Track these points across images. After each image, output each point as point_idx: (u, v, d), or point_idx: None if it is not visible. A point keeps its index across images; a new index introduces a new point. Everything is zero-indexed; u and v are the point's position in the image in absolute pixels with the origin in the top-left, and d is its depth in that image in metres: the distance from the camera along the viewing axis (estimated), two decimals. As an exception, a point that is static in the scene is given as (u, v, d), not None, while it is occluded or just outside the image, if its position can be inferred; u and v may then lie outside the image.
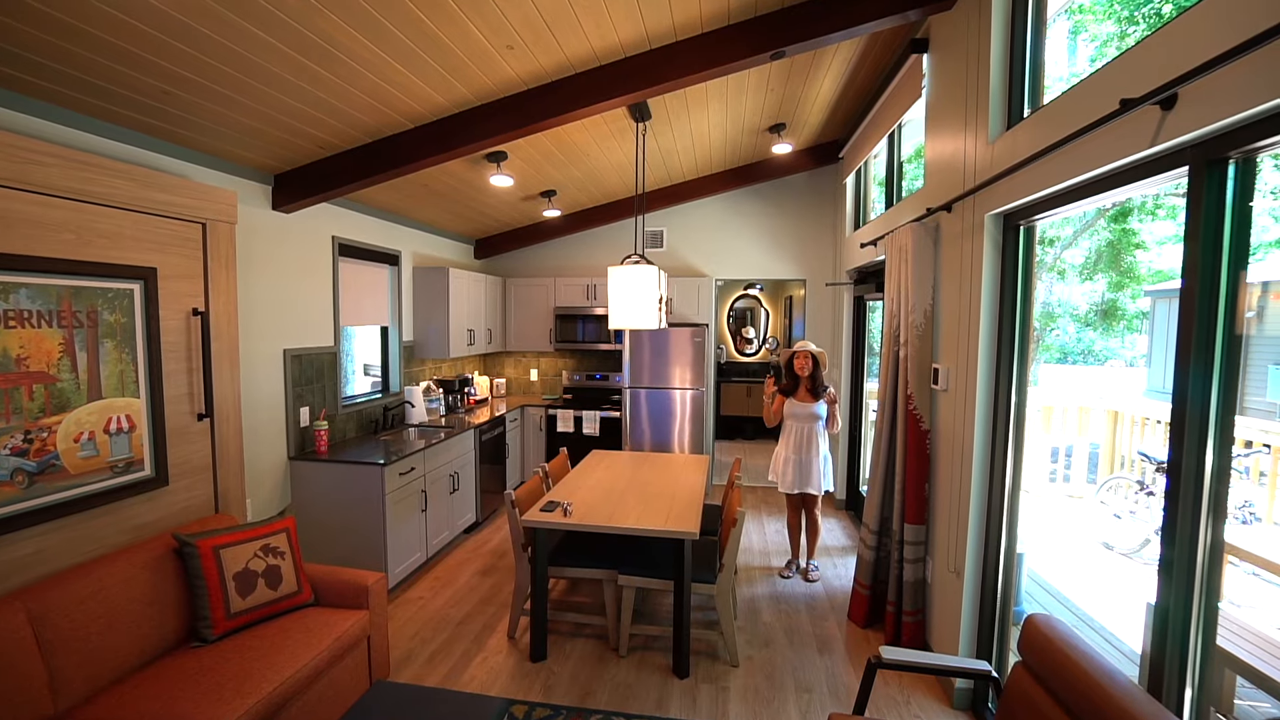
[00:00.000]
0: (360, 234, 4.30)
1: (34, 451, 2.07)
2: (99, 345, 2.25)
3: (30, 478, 2.06)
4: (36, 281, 2.06)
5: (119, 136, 2.54)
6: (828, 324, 5.88)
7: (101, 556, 2.21)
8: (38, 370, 2.07)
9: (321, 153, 3.26)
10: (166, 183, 2.47)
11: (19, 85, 2.13)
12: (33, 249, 2.04)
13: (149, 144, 2.68)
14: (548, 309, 5.99)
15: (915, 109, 3.61)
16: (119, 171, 2.29)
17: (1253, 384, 5.36)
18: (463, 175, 4.13)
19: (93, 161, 2.20)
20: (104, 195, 2.24)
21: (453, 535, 4.39)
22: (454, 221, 5.33)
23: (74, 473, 2.19)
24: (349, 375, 4.44)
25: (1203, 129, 1.43)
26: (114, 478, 2.31)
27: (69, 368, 2.16)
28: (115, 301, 2.30)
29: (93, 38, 1.96)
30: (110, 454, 2.29)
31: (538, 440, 5.78)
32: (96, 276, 2.23)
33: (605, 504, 3.11)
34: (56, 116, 2.30)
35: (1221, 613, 1.65)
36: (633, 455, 4.22)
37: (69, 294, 2.15)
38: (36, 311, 2.06)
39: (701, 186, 5.67)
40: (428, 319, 5.04)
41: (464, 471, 4.53)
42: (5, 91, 2.14)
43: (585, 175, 4.78)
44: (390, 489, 3.53)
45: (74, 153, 2.14)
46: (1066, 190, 2.06)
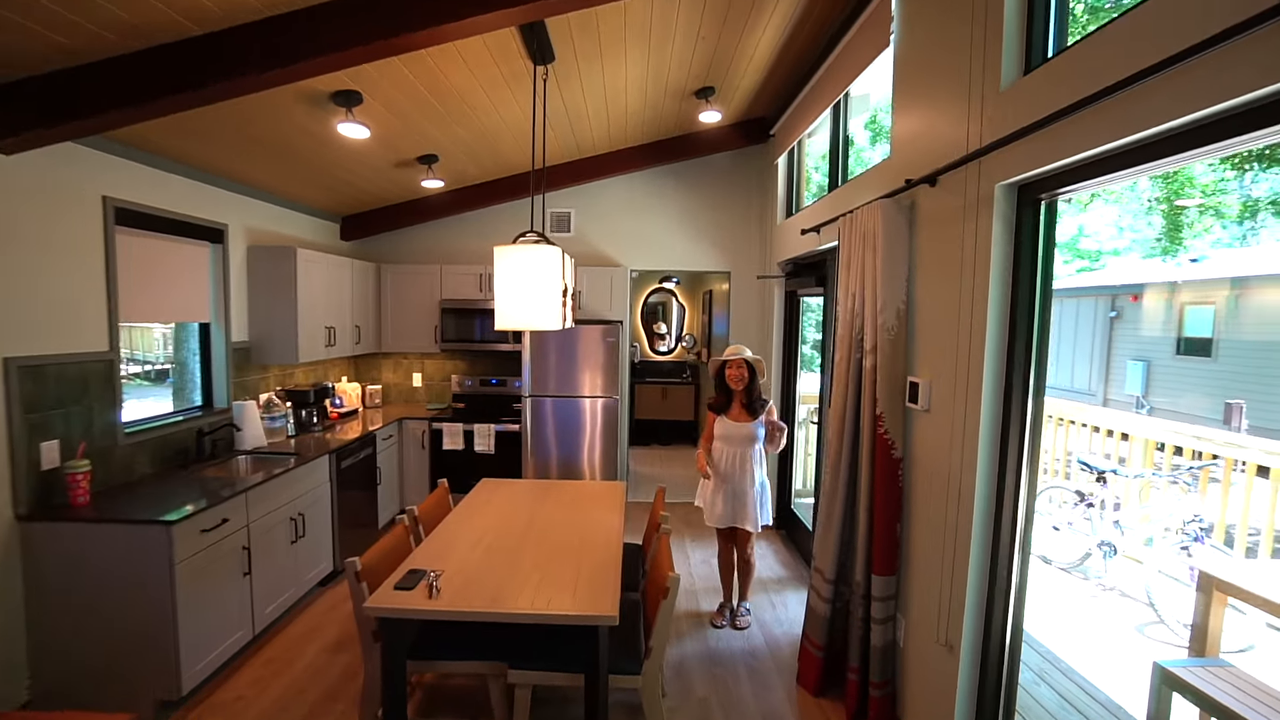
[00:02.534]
0: (157, 197, 3.16)
1: None
2: None
3: None
4: None
5: None
6: (754, 321, 5.31)
7: None
8: None
9: (56, 59, 2.17)
10: None
11: None
12: None
13: None
14: (432, 302, 5.00)
15: (872, 72, 3.03)
16: None
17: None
18: (303, 123, 3.11)
19: None
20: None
21: (299, 594, 3.38)
22: (307, 190, 4.24)
23: None
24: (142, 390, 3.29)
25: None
26: None
27: None
28: None
29: None
30: None
31: (419, 460, 4.80)
32: None
33: (491, 571, 2.28)
34: None
35: None
36: (533, 486, 3.39)
37: None
38: None
39: (615, 162, 4.90)
40: (269, 314, 3.93)
41: (314, 510, 3.51)
42: None
43: (474, 137, 3.87)
44: (185, 555, 2.50)
45: None
46: (1121, 150, 1.47)
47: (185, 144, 3.09)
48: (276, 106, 2.87)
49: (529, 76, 3.13)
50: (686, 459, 7.01)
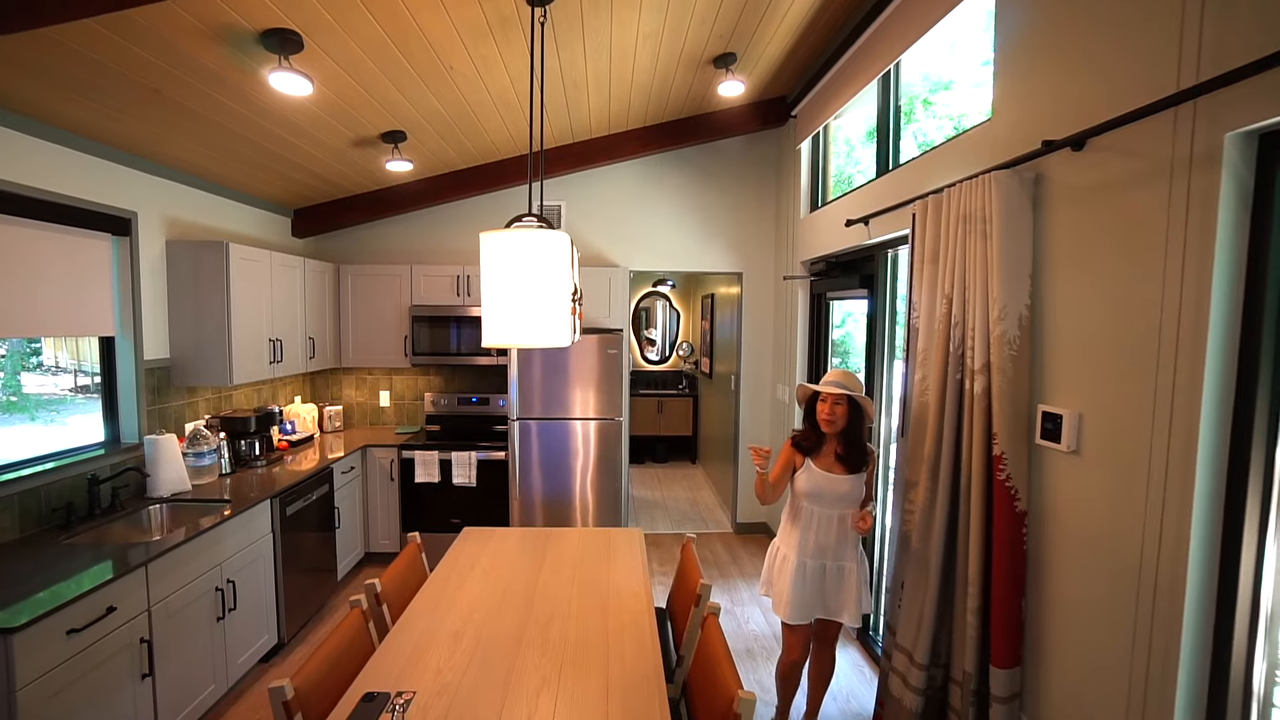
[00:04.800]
0: (38, 175, 2.42)
1: None
2: None
3: None
4: None
5: None
6: (768, 329, 4.71)
7: None
8: None
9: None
10: None
11: None
12: None
13: None
14: (402, 308, 4.28)
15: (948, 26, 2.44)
16: None
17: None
18: (225, 77, 2.40)
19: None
20: None
21: (230, 683, 2.65)
22: (247, 174, 3.50)
23: None
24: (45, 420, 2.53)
25: None
26: None
27: None
28: None
29: None
30: None
31: (388, 494, 4.07)
32: None
33: (481, 687, 1.61)
34: None
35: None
36: (527, 538, 2.71)
37: None
38: None
39: (614, 145, 4.26)
40: (196, 324, 3.19)
41: (249, 572, 2.78)
42: None
43: (452, 111, 3.20)
44: (39, 671, 1.76)
45: None
46: None
47: (67, 103, 2.36)
48: (182, 49, 2.16)
49: (520, 23, 2.48)
50: (686, 479, 6.37)
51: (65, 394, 2.82)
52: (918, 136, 3.02)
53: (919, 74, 2.98)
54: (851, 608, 2.29)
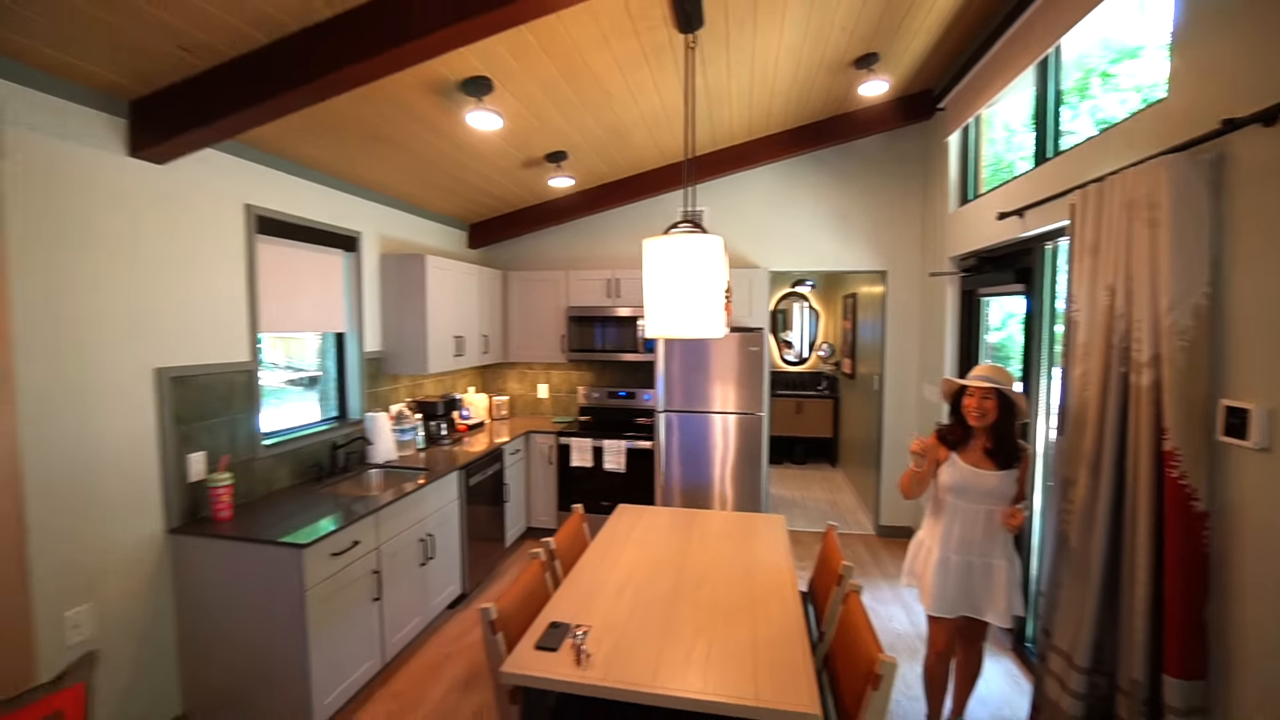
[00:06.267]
0: (296, 205, 3.12)
1: None
2: None
3: None
4: None
5: None
6: (913, 327, 4.59)
7: None
8: None
9: (192, 61, 2.07)
10: None
11: None
12: None
13: None
14: (558, 309, 4.77)
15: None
16: None
17: None
18: (431, 119, 2.93)
19: None
20: None
21: (426, 621, 3.18)
22: (437, 196, 4.15)
23: None
24: (287, 400, 3.25)
25: None
26: None
27: None
28: None
29: None
30: None
31: (547, 476, 4.55)
32: None
33: (644, 632, 1.87)
34: None
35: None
36: (675, 517, 2.96)
37: None
38: None
39: (754, 151, 4.41)
40: (400, 323, 3.85)
41: (443, 530, 3.32)
42: None
43: (606, 131, 3.56)
44: (315, 579, 2.32)
45: None
46: None
47: (317, 148, 3.02)
48: (403, 100, 2.69)
49: (671, 50, 2.75)
50: (825, 481, 6.32)
51: (283, 385, 3.53)
52: (1095, 114, 2.82)
53: (1097, 42, 2.78)
54: (1000, 606, 2.26)
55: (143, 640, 2.32)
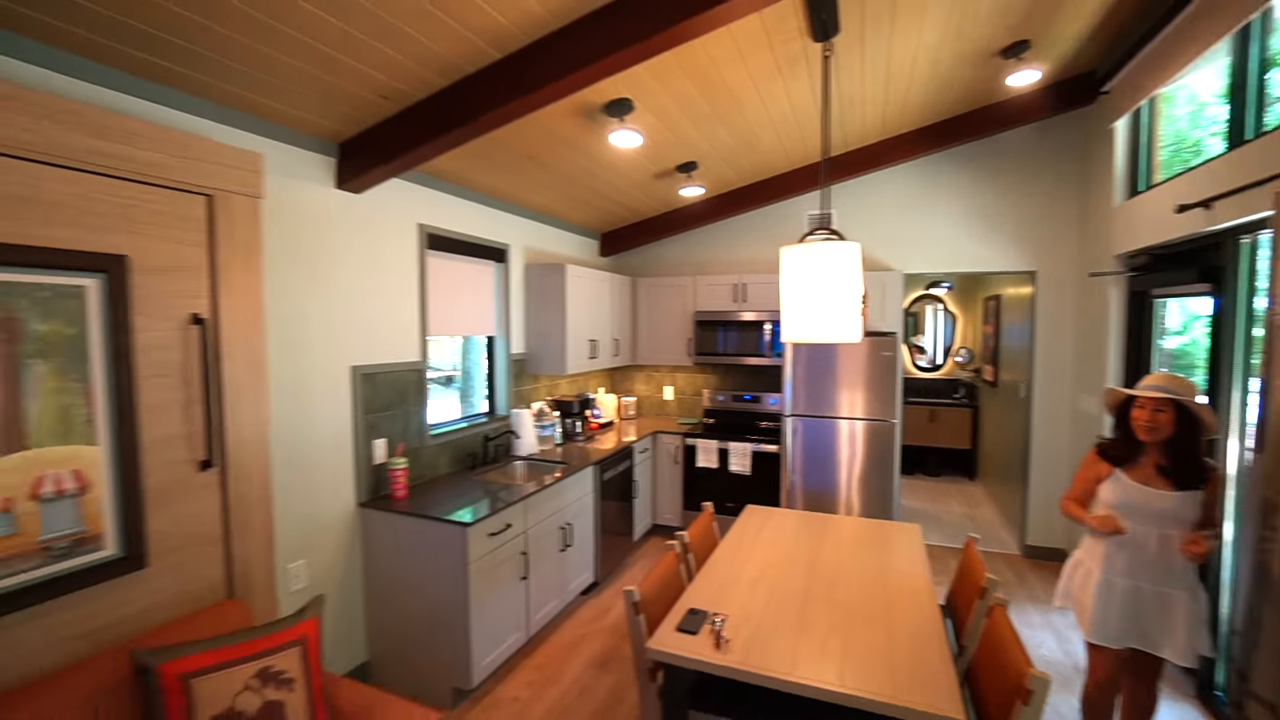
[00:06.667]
0: (456, 223, 3.51)
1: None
2: (20, 369, 1.51)
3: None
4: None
5: (92, 76, 1.85)
6: (1067, 332, 4.21)
7: (15, 691, 1.46)
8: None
9: (388, 106, 2.45)
10: (145, 133, 1.72)
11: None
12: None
13: (144, 90, 1.97)
14: (685, 314, 4.92)
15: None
16: (65, 113, 1.54)
17: None
18: (576, 140, 3.18)
19: (22, 95, 1.46)
20: (38, 146, 1.50)
21: (563, 603, 3.44)
22: (574, 208, 4.45)
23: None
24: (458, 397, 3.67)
25: None
26: (47, 565, 1.57)
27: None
28: (53, 304, 1.56)
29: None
30: (41, 531, 1.55)
31: (673, 475, 4.71)
32: (18, 267, 1.49)
33: (779, 623, 1.94)
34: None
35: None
36: (804, 519, 2.98)
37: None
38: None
39: (886, 151, 4.28)
40: (541, 327, 4.18)
41: (580, 521, 3.57)
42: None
43: (737, 140, 3.65)
44: (476, 555, 2.63)
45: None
46: None
47: (477, 172, 3.38)
48: (552, 125, 2.95)
49: (805, 59, 2.79)
50: (962, 495, 5.93)
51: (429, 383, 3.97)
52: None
53: None
54: (1178, 642, 2.04)
55: (340, 595, 2.75)
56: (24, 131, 1.47)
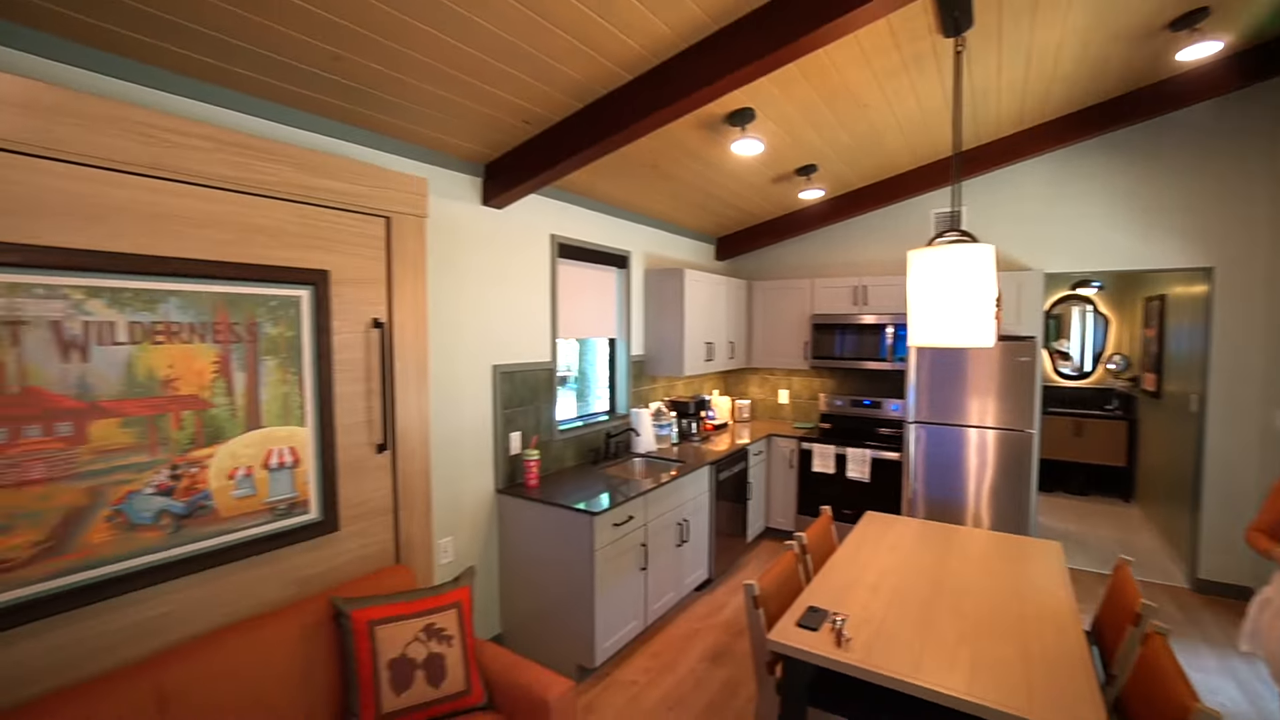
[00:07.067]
0: (583, 232, 3.76)
1: (181, 490, 1.73)
2: (259, 364, 1.87)
3: (177, 521, 1.72)
4: (188, 288, 1.72)
5: (290, 120, 2.20)
6: (1256, 338, 3.69)
7: (250, 620, 1.82)
8: (188, 394, 1.73)
9: (528, 130, 2.70)
10: (339, 167, 2.06)
11: (153, 55, 1.81)
12: (184, 250, 1.71)
13: (329, 128, 2.33)
14: (802, 317, 4.88)
15: None
16: (283, 155, 1.90)
17: None
18: (698, 150, 3.30)
19: (251, 144, 1.83)
20: (266, 184, 1.86)
21: (679, 597, 3.56)
22: (691, 214, 4.57)
23: (226, 515, 1.83)
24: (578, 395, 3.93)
25: None
26: (273, 521, 1.93)
27: (224, 391, 1.80)
28: (279, 312, 1.92)
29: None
30: (269, 494, 1.91)
31: (787, 479, 4.69)
32: (257, 282, 1.86)
33: (902, 628, 1.92)
34: (207, 95, 1.96)
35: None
36: (928, 529, 2.88)
37: (224, 303, 1.80)
38: (188, 324, 1.73)
39: (1025, 143, 4.00)
40: (659, 330, 4.34)
41: (695, 518, 3.68)
42: (137, 65, 1.86)
43: (857, 141, 3.59)
44: (601, 544, 2.82)
45: (229, 133, 1.79)
46: None
47: (603, 184, 3.59)
48: (676, 136, 3.09)
49: (934, 56, 2.71)
50: (1115, 518, 5.35)
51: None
52: None
53: None
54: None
55: (479, 571, 3.05)
56: (263, 174, 1.83)
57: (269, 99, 2.09)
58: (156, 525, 1.68)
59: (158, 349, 1.67)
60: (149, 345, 1.65)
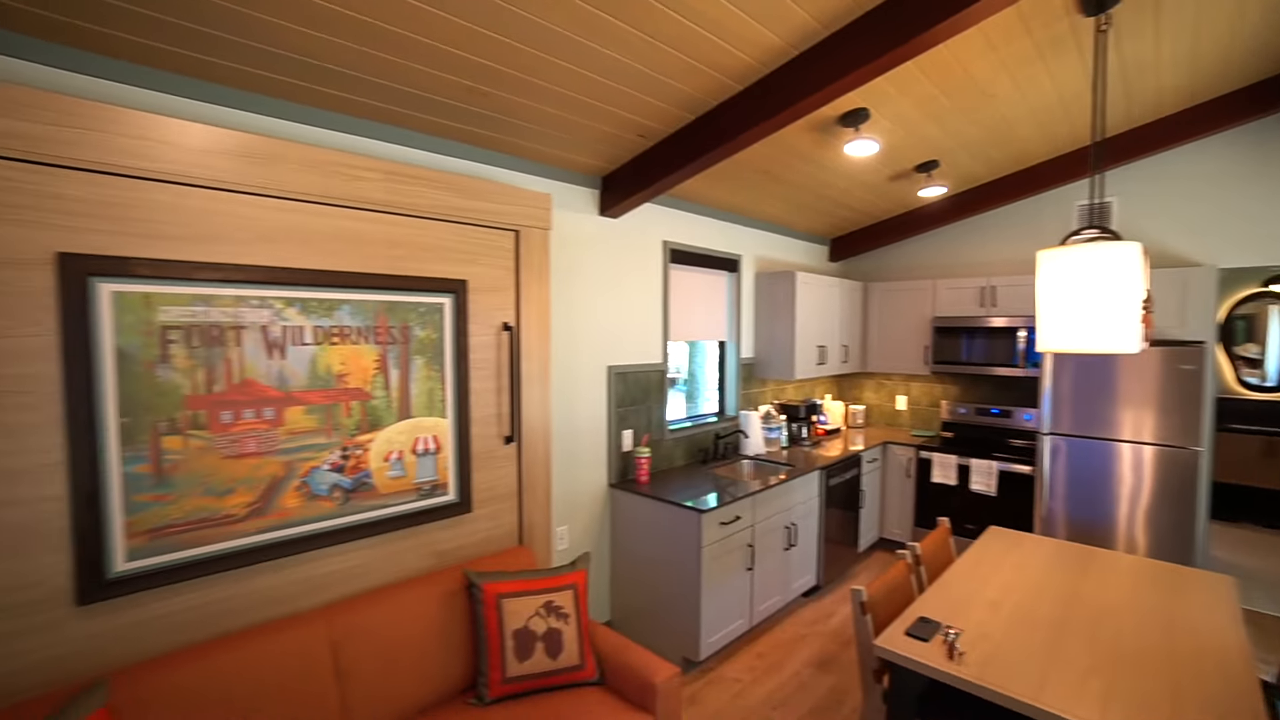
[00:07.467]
0: (694, 237, 3.85)
1: (349, 468, 2.04)
2: (410, 362, 2.16)
3: (346, 494, 2.04)
4: (356, 298, 2.03)
5: (433, 147, 2.49)
6: None
7: (399, 583, 2.11)
8: (355, 387, 2.04)
9: (643, 143, 2.84)
10: (477, 187, 2.32)
11: (343, 105, 2.16)
12: (353, 264, 2.02)
13: (463, 152, 2.59)
14: (923, 320, 4.64)
15: None
16: (432, 180, 2.19)
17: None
18: (809, 153, 3.28)
19: (407, 172, 2.12)
20: (417, 206, 2.15)
21: (785, 601, 3.55)
22: (803, 216, 4.52)
23: (383, 492, 2.13)
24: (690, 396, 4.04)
25: None
26: (419, 500, 2.21)
27: (382, 385, 2.10)
28: (426, 317, 2.20)
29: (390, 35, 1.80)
30: (416, 476, 2.20)
31: (903, 489, 4.49)
32: (409, 291, 2.15)
33: (1023, 649, 1.82)
34: (373, 132, 2.27)
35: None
36: (1063, 549, 2.67)
37: (384, 310, 2.09)
38: (356, 328, 2.03)
39: (1193, 122, 3.55)
40: (770, 333, 4.33)
41: (804, 523, 3.65)
42: (332, 114, 2.20)
43: (985, 132, 3.39)
44: (709, 541, 2.89)
45: (392, 165, 2.09)
46: None
47: (714, 190, 3.67)
48: (787, 141, 3.09)
49: (1073, 37, 2.51)
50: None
51: (697, 379, 4.31)
52: None
53: None
54: None
55: (591, 560, 3.23)
56: (416, 198, 2.12)
57: (418, 130, 2.39)
58: (330, 497, 2.00)
59: (334, 349, 1.99)
60: (327, 345, 1.98)
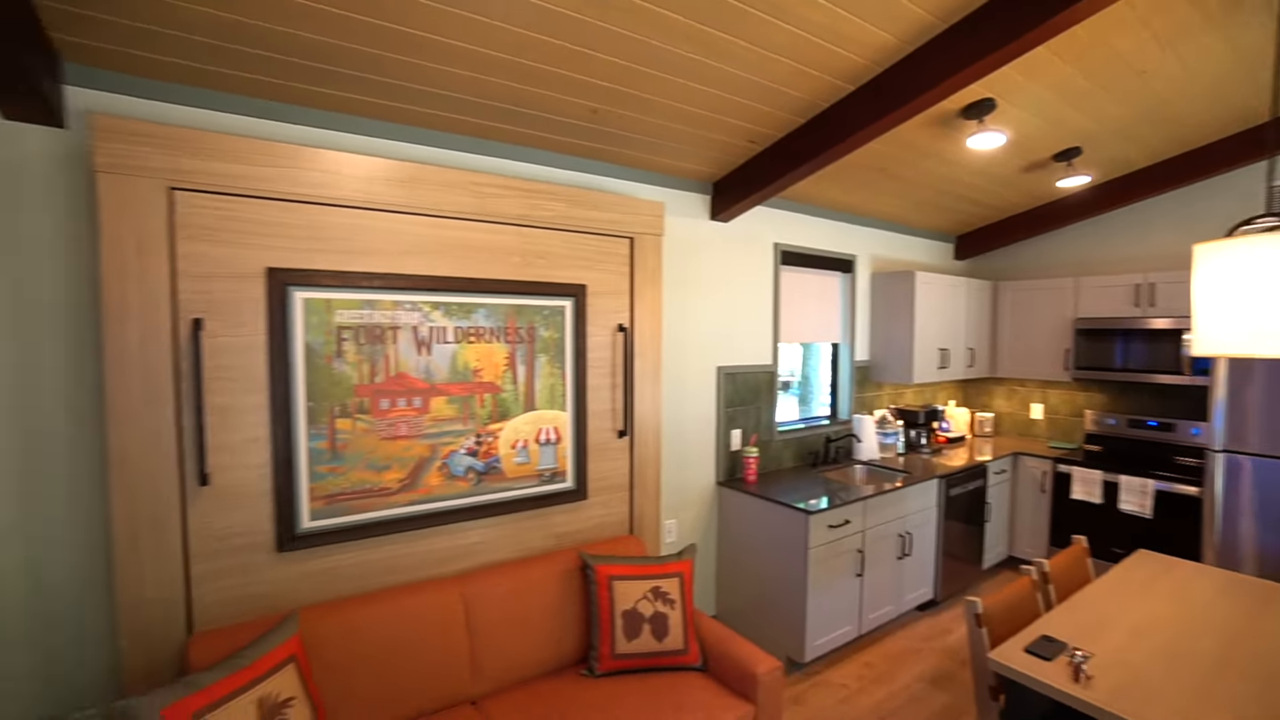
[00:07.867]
0: (806, 238, 3.82)
1: (482, 453, 2.29)
2: (535, 360, 2.38)
3: (479, 476, 2.29)
4: (490, 302, 2.27)
5: (554, 163, 2.68)
6: None
7: (522, 560, 2.33)
8: (488, 381, 2.28)
9: (753, 148, 2.89)
10: (596, 199, 2.50)
11: (483, 131, 2.40)
12: (486, 273, 2.27)
13: (583, 166, 2.77)
14: (1063, 321, 4.26)
15: None
16: (556, 195, 2.39)
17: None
18: (929, 147, 3.15)
19: (535, 188, 2.34)
20: (543, 219, 2.36)
21: (898, 612, 3.42)
22: (924, 214, 4.31)
23: (510, 476, 2.36)
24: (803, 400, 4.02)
25: None
26: (541, 485, 2.42)
27: (511, 380, 2.33)
28: (550, 319, 2.40)
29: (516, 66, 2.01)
30: (539, 463, 2.41)
31: (1037, 504, 4.14)
32: (535, 295, 2.36)
33: (1168, 680, 1.67)
34: (505, 153, 2.52)
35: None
36: (1233, 581, 2.36)
37: (513, 312, 2.32)
38: (489, 329, 2.28)
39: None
40: (887, 335, 4.18)
41: (920, 532, 3.50)
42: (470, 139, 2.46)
43: (1137, 112, 3.07)
44: (815, 542, 2.88)
45: (521, 183, 2.31)
46: None
47: (826, 191, 3.62)
48: (904, 137, 3.00)
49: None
50: None
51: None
52: None
53: None
54: None
55: (698, 555, 3.32)
56: (543, 210, 2.34)
57: (546, 149, 2.63)
58: (465, 478, 2.26)
59: (470, 347, 2.25)
60: (465, 344, 2.24)
